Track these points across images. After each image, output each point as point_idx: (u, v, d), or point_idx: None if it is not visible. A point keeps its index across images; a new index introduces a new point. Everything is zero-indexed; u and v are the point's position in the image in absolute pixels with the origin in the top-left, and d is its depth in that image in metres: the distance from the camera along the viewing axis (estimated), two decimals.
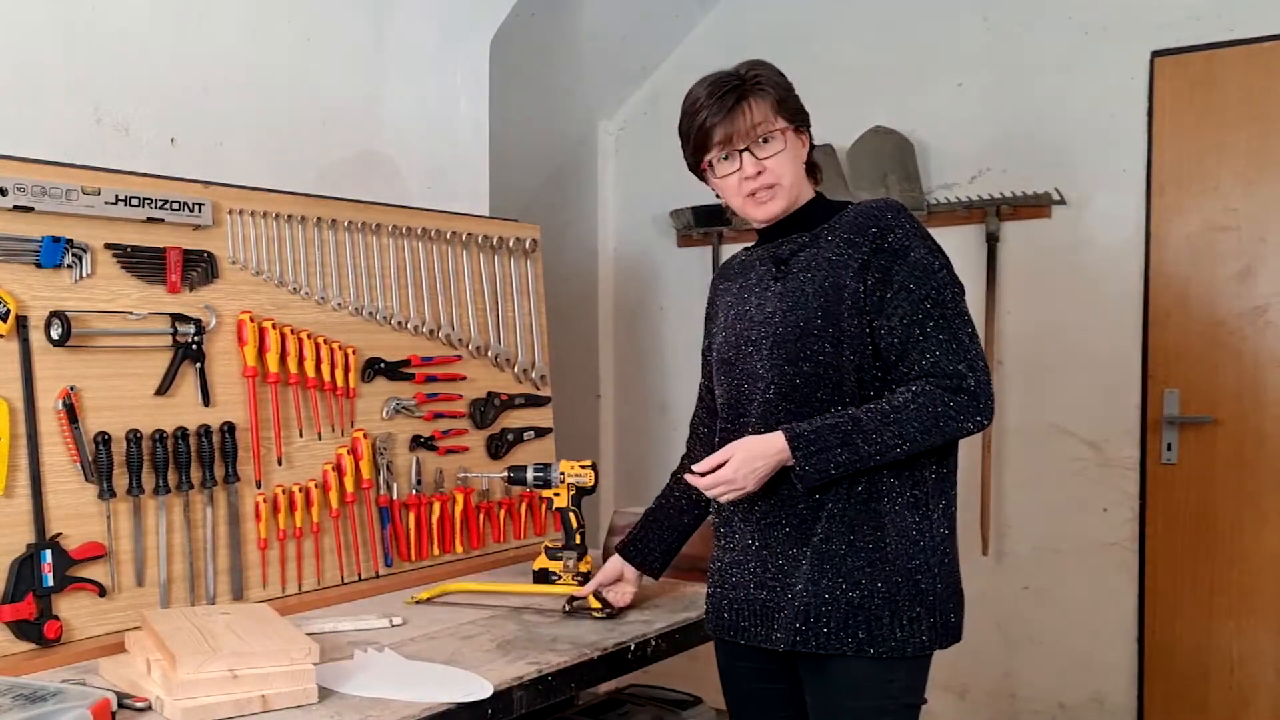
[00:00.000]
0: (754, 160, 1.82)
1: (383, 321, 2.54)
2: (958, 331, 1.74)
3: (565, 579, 2.39)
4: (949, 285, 1.77)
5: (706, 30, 4.15)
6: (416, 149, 3.04)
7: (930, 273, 1.76)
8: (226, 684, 1.57)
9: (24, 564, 1.86)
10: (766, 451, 1.75)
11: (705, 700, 2.62)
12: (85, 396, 1.98)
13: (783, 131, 1.83)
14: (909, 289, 1.74)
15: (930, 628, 1.74)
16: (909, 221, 1.80)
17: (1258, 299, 3.23)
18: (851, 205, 1.87)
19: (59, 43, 2.25)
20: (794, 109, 1.85)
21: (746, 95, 1.82)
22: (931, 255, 1.77)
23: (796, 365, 1.78)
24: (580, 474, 2.43)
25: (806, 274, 1.81)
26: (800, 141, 1.87)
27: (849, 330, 1.75)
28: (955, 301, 1.76)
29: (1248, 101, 3.21)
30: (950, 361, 1.73)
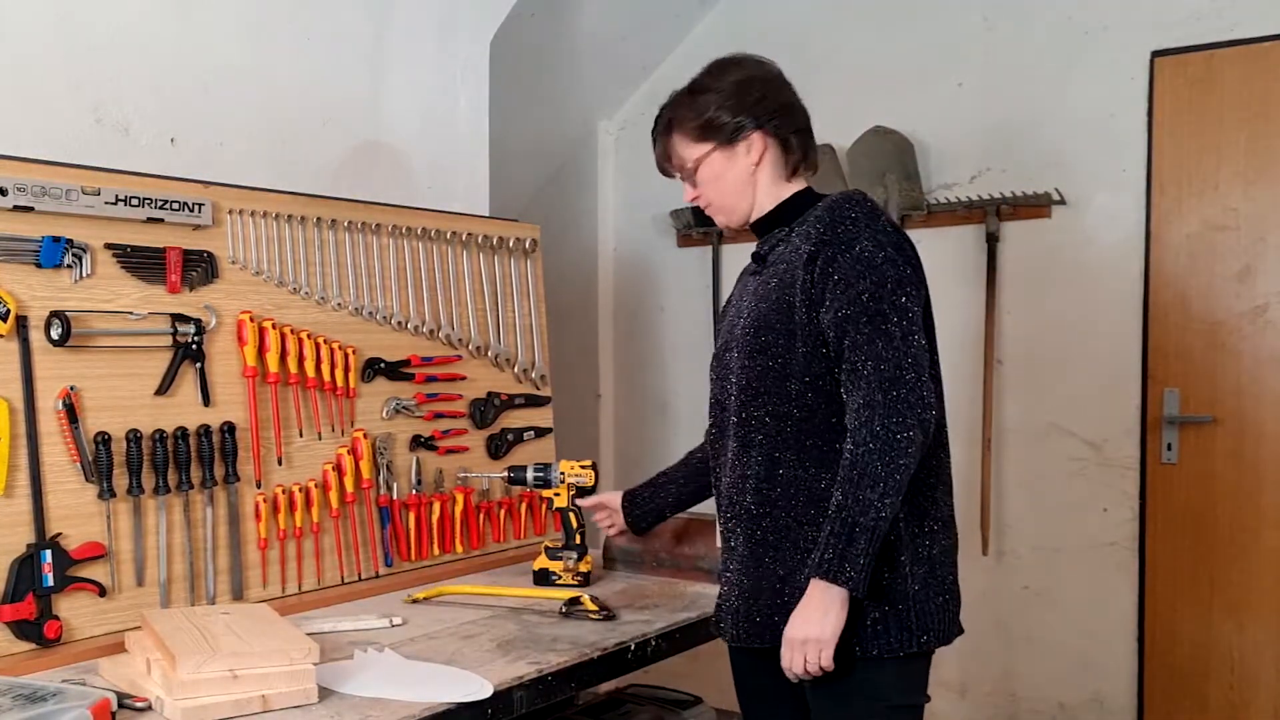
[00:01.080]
0: (690, 188, 1.95)
1: (383, 321, 2.54)
2: (890, 331, 1.68)
3: (565, 579, 2.38)
4: (890, 280, 1.70)
5: (706, 30, 4.14)
6: (416, 149, 3.04)
7: (871, 266, 1.71)
8: (226, 684, 1.57)
9: (24, 564, 1.86)
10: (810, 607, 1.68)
11: (705, 700, 2.62)
12: (85, 396, 1.98)
13: (703, 158, 1.88)
14: (849, 281, 1.70)
15: (901, 628, 1.72)
16: (863, 214, 1.76)
17: (1258, 299, 3.23)
18: (824, 198, 1.85)
19: (59, 43, 2.25)
20: (714, 127, 1.86)
21: (666, 133, 1.92)
22: (877, 248, 1.72)
23: (754, 359, 1.80)
24: (580, 474, 2.42)
25: (775, 269, 1.83)
26: (735, 153, 1.87)
27: (800, 322, 1.75)
28: (894, 297, 1.70)
29: (1248, 101, 3.21)
30: (876, 368, 1.66)
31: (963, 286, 3.62)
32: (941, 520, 1.80)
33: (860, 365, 1.68)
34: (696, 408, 4.21)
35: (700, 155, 1.89)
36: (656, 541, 2.51)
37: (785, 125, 1.87)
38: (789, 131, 1.88)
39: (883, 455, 1.63)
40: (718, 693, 3.43)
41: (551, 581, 2.39)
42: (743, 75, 1.88)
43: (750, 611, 1.80)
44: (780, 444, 1.78)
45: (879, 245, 1.73)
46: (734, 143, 1.86)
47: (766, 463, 1.79)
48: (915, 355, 1.68)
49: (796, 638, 1.69)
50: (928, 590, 1.75)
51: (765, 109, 1.86)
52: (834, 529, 1.65)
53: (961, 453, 1.87)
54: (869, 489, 1.63)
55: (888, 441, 1.63)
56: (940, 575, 1.78)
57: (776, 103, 1.87)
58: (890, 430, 1.64)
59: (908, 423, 1.64)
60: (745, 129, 1.86)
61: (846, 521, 1.64)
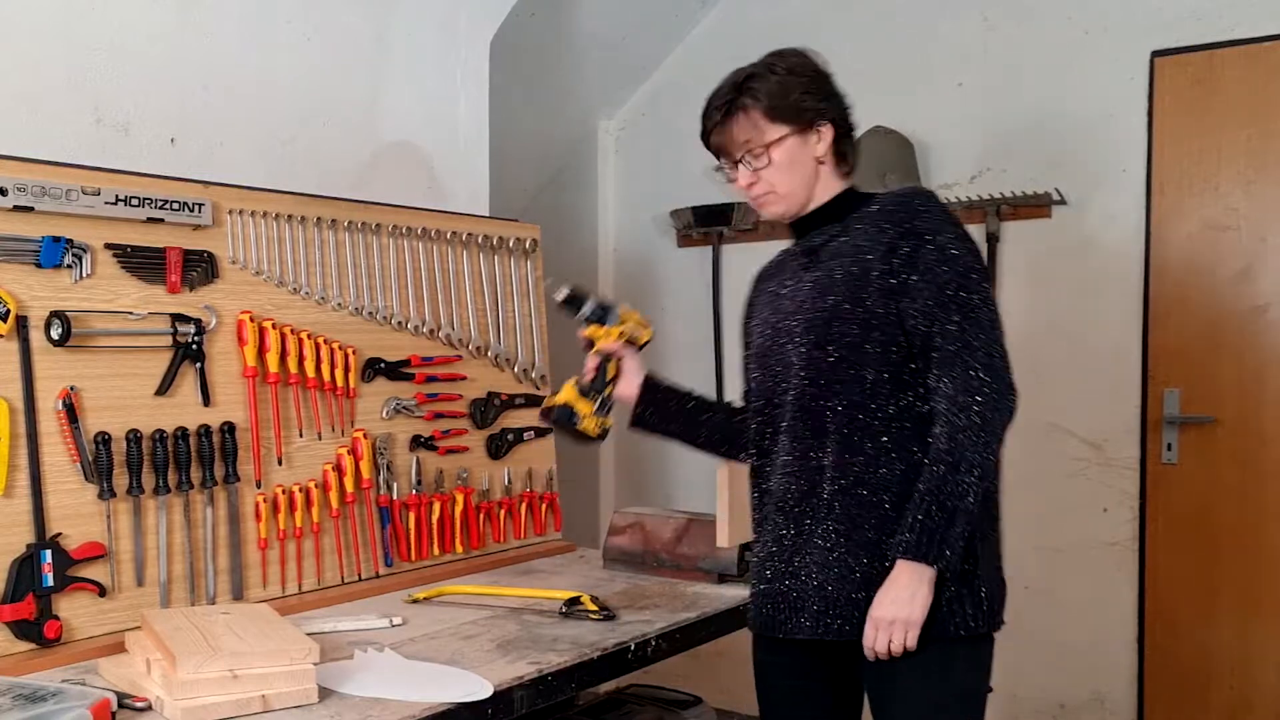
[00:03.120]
0: (749, 172, 1.88)
1: (383, 321, 2.54)
2: (979, 318, 1.72)
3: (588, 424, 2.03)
4: (975, 271, 1.74)
5: (706, 30, 4.15)
6: (416, 149, 3.04)
7: (955, 258, 1.73)
8: (226, 684, 1.57)
9: (24, 564, 1.86)
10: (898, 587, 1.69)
11: (705, 700, 2.62)
12: (85, 396, 1.98)
13: (778, 141, 1.84)
14: (935, 272, 1.72)
15: (976, 606, 1.74)
16: (937, 208, 1.78)
17: (1258, 299, 3.23)
18: (880, 195, 1.86)
19: (59, 43, 2.25)
20: (796, 109, 1.83)
21: (735, 110, 1.88)
22: (957, 240, 1.75)
23: (824, 349, 1.79)
24: (638, 328, 2.12)
25: (835, 260, 1.82)
26: (808, 140, 1.85)
27: (876, 312, 1.75)
28: (980, 288, 1.74)
29: (1248, 101, 3.21)
30: (969, 355, 1.70)
31: None
32: (998, 506, 1.83)
33: (953, 354, 1.70)
34: None
35: (775, 138, 1.84)
36: (657, 541, 2.51)
37: (848, 122, 1.90)
38: (848, 128, 1.90)
39: (979, 439, 1.67)
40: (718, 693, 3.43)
41: (569, 421, 2.02)
42: (819, 65, 1.88)
43: (819, 604, 1.78)
44: (855, 435, 1.77)
45: (960, 238, 1.76)
46: (808, 130, 1.85)
47: (840, 454, 1.78)
48: (1002, 343, 1.73)
49: (884, 617, 1.70)
50: (992, 572, 1.78)
51: (838, 102, 1.88)
52: (929, 509, 1.67)
53: None
54: (966, 472, 1.67)
55: (984, 426, 1.67)
56: (998, 560, 1.82)
57: (840, 99, 1.89)
58: (986, 415, 1.67)
59: (1001, 406, 1.69)
60: (823, 116, 1.85)
61: (943, 503, 1.67)
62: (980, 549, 1.76)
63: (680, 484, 4.26)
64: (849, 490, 1.77)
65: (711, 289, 4.13)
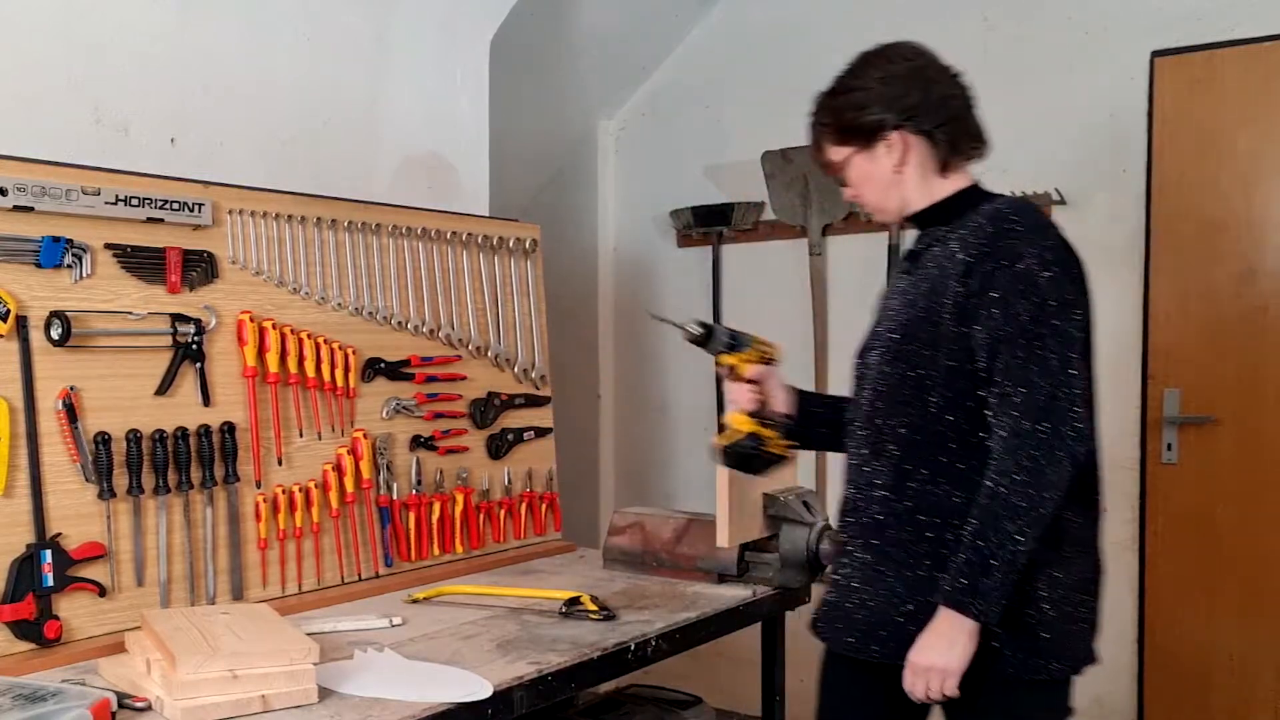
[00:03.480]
0: (847, 186, 1.89)
1: (383, 321, 2.54)
2: (1047, 357, 1.60)
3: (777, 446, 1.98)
4: (1053, 301, 1.62)
5: (706, 30, 4.15)
6: (416, 149, 3.04)
7: (1033, 285, 1.62)
8: (226, 684, 1.57)
9: (24, 564, 1.86)
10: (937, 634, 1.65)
11: (705, 700, 2.62)
12: (85, 396, 1.98)
13: (845, 160, 1.84)
14: (1007, 300, 1.62)
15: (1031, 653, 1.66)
16: (1029, 226, 1.67)
17: (1258, 299, 3.23)
18: (991, 202, 1.77)
19: (59, 43, 2.25)
20: (853, 128, 1.80)
21: (812, 133, 1.89)
22: (1042, 266, 1.63)
23: (895, 366, 1.75)
24: (767, 346, 2.09)
25: (924, 272, 1.76)
26: (875, 154, 1.80)
27: (947, 334, 1.68)
28: (1054, 320, 1.62)
29: (1248, 101, 3.21)
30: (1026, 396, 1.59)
31: None
32: (1080, 546, 1.72)
33: (1011, 391, 1.61)
34: (696, 407, 4.24)
35: (843, 158, 1.84)
36: (656, 541, 2.51)
37: (928, 121, 1.78)
38: (932, 127, 1.78)
39: (1027, 488, 1.58)
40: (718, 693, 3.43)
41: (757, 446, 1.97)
42: (885, 72, 1.80)
43: (861, 622, 1.76)
44: (912, 457, 1.72)
45: (1044, 263, 1.64)
46: (873, 144, 1.80)
47: (896, 475, 1.74)
48: (1071, 383, 1.60)
49: (921, 663, 1.65)
50: (1061, 616, 1.68)
51: (903, 106, 1.78)
52: (969, 558, 1.60)
53: None
54: (1009, 521, 1.58)
55: (1034, 474, 1.57)
56: (1076, 601, 1.70)
57: (917, 99, 1.78)
58: (1038, 463, 1.57)
59: (1056, 455, 1.58)
60: (884, 129, 1.78)
61: (983, 552, 1.59)
62: (1046, 592, 1.66)
63: (680, 484, 4.27)
64: (901, 514, 1.73)
65: (711, 289, 4.13)
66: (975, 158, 1.86)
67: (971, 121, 1.84)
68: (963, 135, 1.82)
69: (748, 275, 4.10)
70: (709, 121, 4.12)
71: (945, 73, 1.84)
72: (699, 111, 4.14)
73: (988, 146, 1.87)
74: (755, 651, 2.48)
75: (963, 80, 1.85)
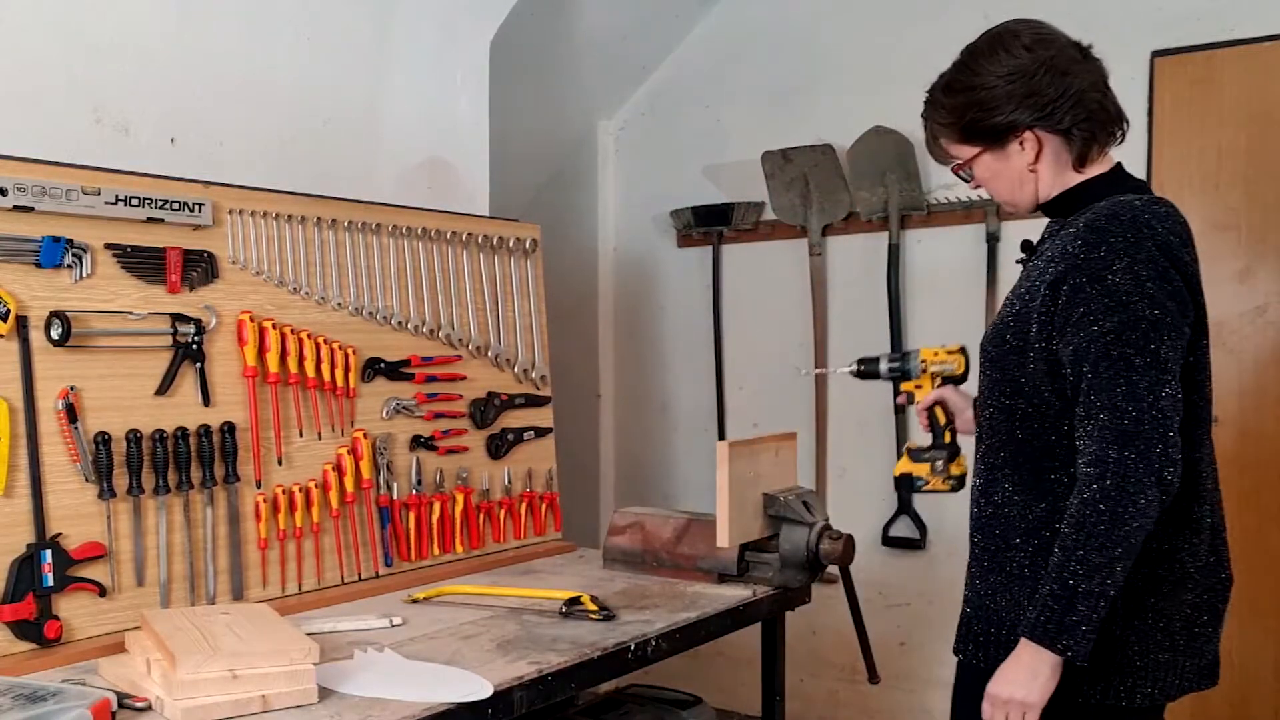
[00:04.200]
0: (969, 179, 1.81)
1: (383, 321, 2.54)
2: (1134, 379, 1.52)
3: (934, 483, 2.02)
4: (1145, 321, 1.54)
5: (706, 30, 4.15)
6: (416, 149, 3.04)
7: (1122, 303, 1.54)
8: (226, 684, 1.57)
9: (24, 564, 1.86)
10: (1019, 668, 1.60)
11: (705, 700, 2.62)
12: (85, 396, 1.98)
13: (974, 158, 1.74)
14: (1093, 317, 1.55)
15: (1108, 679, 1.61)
16: (1126, 238, 1.58)
17: (1258, 299, 3.23)
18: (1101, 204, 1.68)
19: (59, 43, 2.25)
20: (981, 129, 1.70)
21: (930, 129, 1.79)
22: (1135, 282, 1.55)
23: (988, 369, 1.73)
24: (947, 360, 2.03)
25: (1033, 269, 1.71)
26: (1008, 152, 1.71)
27: (1035, 343, 1.64)
28: (1144, 341, 1.53)
29: (1248, 101, 3.21)
30: (1110, 419, 1.52)
31: (963, 286, 3.61)
32: (1179, 573, 1.63)
33: (1096, 413, 1.54)
34: (696, 407, 4.24)
35: (970, 156, 1.75)
36: (656, 541, 2.51)
37: (1063, 118, 1.68)
38: (1069, 123, 1.68)
39: (1112, 518, 1.50)
40: (718, 693, 3.43)
41: (917, 487, 2.02)
42: (1010, 68, 1.67)
43: (963, 624, 1.78)
44: (998, 463, 1.71)
45: (1137, 279, 1.55)
46: (1004, 143, 1.71)
47: (985, 480, 1.74)
48: (1161, 407, 1.52)
49: (1000, 695, 1.60)
50: (1148, 644, 1.62)
51: (1036, 105, 1.67)
52: (1053, 590, 1.54)
53: None
54: (1096, 552, 1.51)
55: (1120, 502, 1.50)
56: (1170, 630, 1.63)
57: (1050, 95, 1.67)
58: (1124, 491, 1.50)
59: (1144, 484, 1.50)
60: (1016, 127, 1.69)
61: (1068, 585, 1.53)
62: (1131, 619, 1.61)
63: (680, 484, 4.27)
64: (988, 521, 1.73)
65: (711, 289, 4.13)
66: (1114, 143, 1.77)
67: (1108, 108, 1.73)
68: (1101, 127, 1.73)
69: (748, 275, 4.10)
70: (709, 121, 4.12)
71: (1075, 59, 1.71)
72: (699, 111, 4.14)
73: (1127, 125, 1.77)
74: (755, 651, 2.48)
75: (1093, 58, 1.73)
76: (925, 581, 3.65)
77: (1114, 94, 1.75)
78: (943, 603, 3.65)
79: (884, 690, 3.64)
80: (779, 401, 4.01)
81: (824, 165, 3.76)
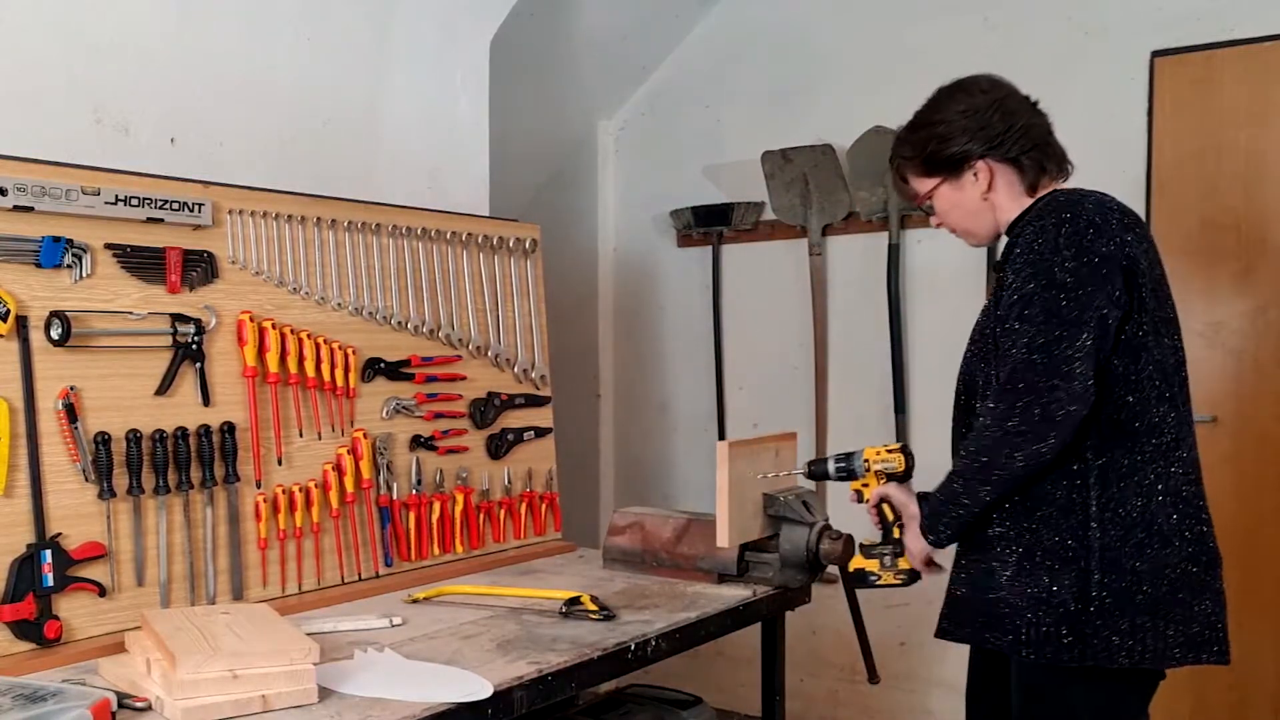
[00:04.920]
0: (933, 214, 2.01)
1: (383, 321, 2.54)
2: (1048, 316, 1.69)
3: (886, 578, 2.12)
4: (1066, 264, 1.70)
5: (706, 30, 4.15)
6: (416, 149, 3.04)
7: (1049, 249, 1.72)
8: (226, 684, 1.57)
9: (24, 564, 1.86)
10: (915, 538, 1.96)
11: (705, 700, 2.62)
12: (85, 396, 1.98)
13: (932, 191, 1.94)
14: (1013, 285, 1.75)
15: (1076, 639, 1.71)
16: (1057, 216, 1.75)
17: (1258, 299, 3.23)
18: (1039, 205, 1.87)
19: (59, 43, 2.25)
20: (939, 160, 1.91)
21: (896, 166, 2.00)
22: (1052, 252, 1.72)
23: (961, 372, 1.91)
24: (887, 459, 2.12)
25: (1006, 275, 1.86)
26: (963, 183, 1.91)
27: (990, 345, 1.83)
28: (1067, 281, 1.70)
29: (1248, 101, 3.21)
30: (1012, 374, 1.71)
31: (962, 287, 3.61)
32: (1155, 533, 1.73)
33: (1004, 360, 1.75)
34: (696, 407, 4.24)
35: (929, 188, 1.96)
36: (656, 541, 2.51)
37: (1013, 149, 1.88)
38: (1018, 154, 1.88)
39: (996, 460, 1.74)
40: (718, 693, 3.44)
41: (870, 583, 2.13)
42: (965, 105, 1.90)
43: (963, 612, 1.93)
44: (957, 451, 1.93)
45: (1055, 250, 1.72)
46: (960, 174, 1.91)
47: None
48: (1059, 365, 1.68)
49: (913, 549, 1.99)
50: (1121, 604, 1.71)
51: (988, 137, 1.88)
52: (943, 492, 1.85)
53: None
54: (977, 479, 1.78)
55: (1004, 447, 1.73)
56: (1154, 595, 1.72)
57: (1001, 129, 1.88)
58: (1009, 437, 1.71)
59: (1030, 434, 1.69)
60: (970, 157, 1.89)
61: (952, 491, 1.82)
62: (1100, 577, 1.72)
63: (680, 484, 4.27)
64: None
65: (711, 289, 4.13)
66: (1063, 179, 1.94)
67: (1055, 147, 1.93)
68: (1049, 158, 1.91)
69: (748, 275, 4.10)
70: (709, 121, 4.12)
71: (1025, 103, 1.93)
72: (699, 111, 4.14)
73: (1072, 168, 1.97)
74: (755, 651, 2.49)
75: (1041, 109, 1.95)
76: (925, 581, 3.64)
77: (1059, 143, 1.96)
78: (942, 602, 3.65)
79: (884, 690, 3.64)
80: (779, 401, 4.01)
81: (824, 165, 3.76)
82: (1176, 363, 1.82)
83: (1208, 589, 1.76)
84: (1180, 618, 1.73)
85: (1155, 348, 1.77)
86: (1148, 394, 1.75)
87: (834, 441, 3.87)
